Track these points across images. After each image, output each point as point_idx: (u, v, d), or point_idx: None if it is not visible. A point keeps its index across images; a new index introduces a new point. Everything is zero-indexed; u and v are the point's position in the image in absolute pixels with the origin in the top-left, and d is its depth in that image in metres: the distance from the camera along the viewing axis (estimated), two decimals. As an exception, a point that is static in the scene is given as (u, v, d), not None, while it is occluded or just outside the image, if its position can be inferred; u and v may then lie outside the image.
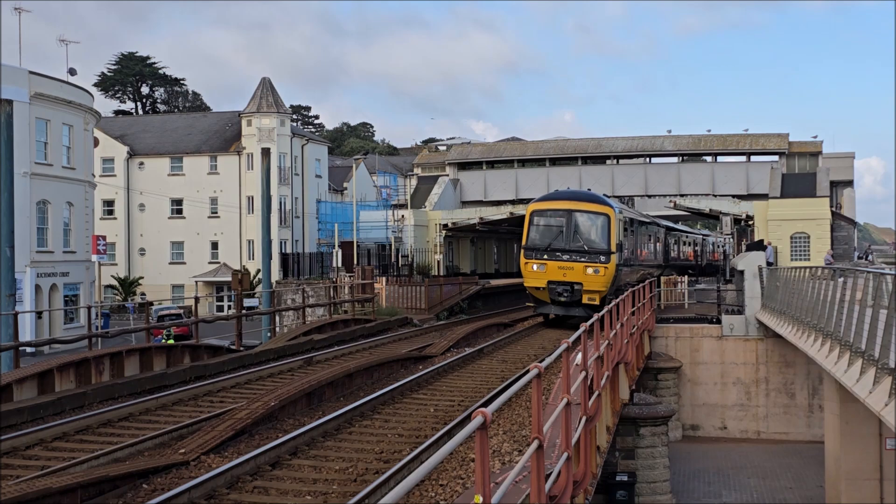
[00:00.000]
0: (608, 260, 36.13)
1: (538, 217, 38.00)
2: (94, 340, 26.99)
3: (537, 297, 38.13)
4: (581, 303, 36.20)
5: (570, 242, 36.68)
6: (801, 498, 32.99)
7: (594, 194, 40.69)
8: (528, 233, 38.15)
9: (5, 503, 10.86)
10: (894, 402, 15.96)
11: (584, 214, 37.13)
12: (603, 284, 36.13)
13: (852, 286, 23.96)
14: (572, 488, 10.96)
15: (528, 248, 37.96)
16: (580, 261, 36.14)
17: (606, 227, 36.75)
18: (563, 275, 36.17)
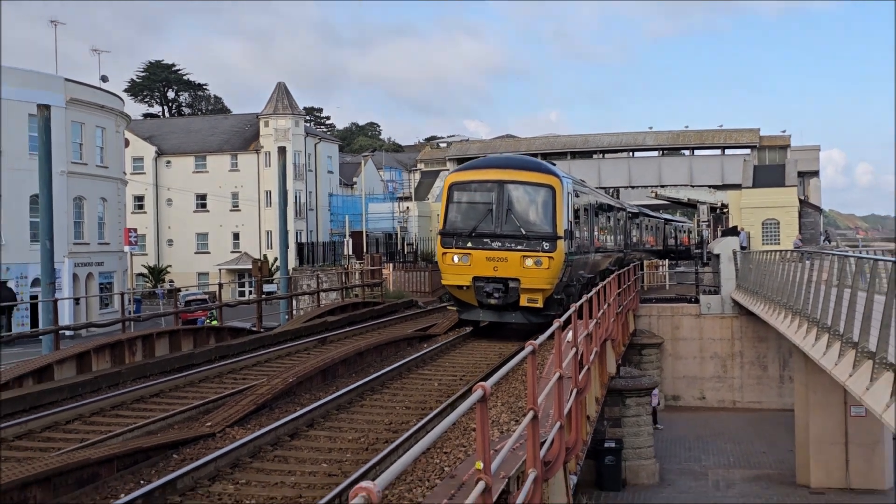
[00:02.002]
0: (553, 247, 24.60)
1: (459, 191, 25.95)
2: (127, 324, 26.99)
3: (460, 298, 26.27)
4: (518, 305, 25.27)
5: (503, 225, 24.78)
6: (774, 461, 33.02)
7: (534, 161, 28.36)
8: (446, 212, 26.21)
9: (51, 472, 10.88)
10: (857, 372, 15.96)
11: (522, 187, 25.28)
12: (547, 280, 24.79)
13: (819, 268, 23.96)
14: (565, 454, 10.96)
15: (446, 234, 25.89)
16: (516, 249, 24.64)
17: (551, 203, 24.93)
18: (493, 269, 24.71)
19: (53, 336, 23.45)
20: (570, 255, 26.09)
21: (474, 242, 24.94)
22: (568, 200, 25.91)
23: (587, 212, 31.01)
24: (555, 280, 24.95)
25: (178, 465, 12.35)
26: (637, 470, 31.18)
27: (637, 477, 31.05)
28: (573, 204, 27.18)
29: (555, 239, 24.73)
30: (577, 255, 27.95)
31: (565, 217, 25.31)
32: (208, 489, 11.53)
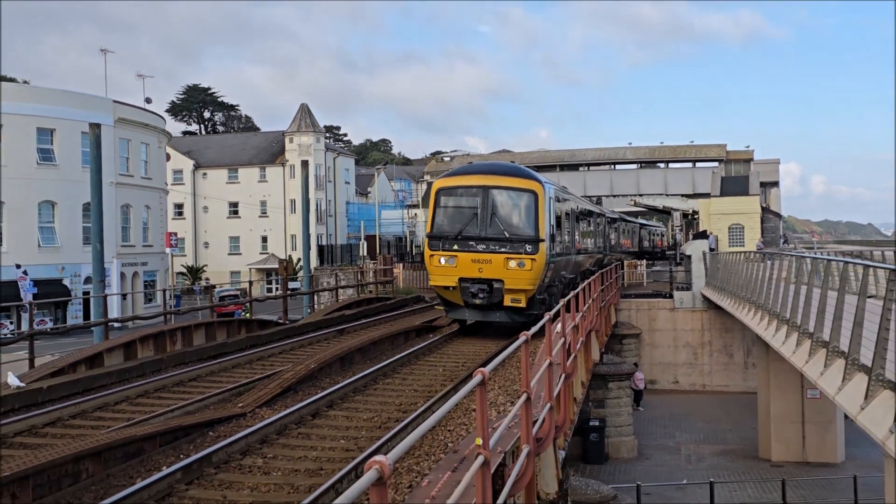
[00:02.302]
0: (535, 250, 23.22)
1: (446, 196, 24.44)
2: (168, 317, 27.01)
3: (447, 298, 24.74)
4: (502, 305, 23.82)
5: (487, 228, 23.47)
6: (739, 438, 33.00)
7: (517, 167, 26.69)
8: (433, 217, 24.74)
9: (101, 447, 10.89)
10: (813, 359, 15.94)
11: (505, 192, 23.94)
12: (530, 281, 23.31)
13: (778, 267, 23.94)
14: (554, 432, 10.96)
15: (433, 237, 24.36)
16: (500, 252, 23.28)
17: (533, 207, 23.62)
18: (478, 270, 23.33)
19: (103, 327, 23.49)
20: (552, 256, 24.44)
21: (460, 245, 23.40)
22: (550, 205, 24.36)
23: (569, 216, 29.06)
24: (537, 281, 23.26)
25: (214, 441, 12.36)
26: (618, 445, 31.19)
27: (618, 452, 31.06)
28: (555, 208, 25.48)
29: (537, 241, 23.13)
30: (559, 256, 26.08)
31: (547, 220, 23.80)
32: (240, 462, 11.55)
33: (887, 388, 11.26)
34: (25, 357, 18.95)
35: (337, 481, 10.24)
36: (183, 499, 9.98)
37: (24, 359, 18.85)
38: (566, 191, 31.23)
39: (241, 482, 10.60)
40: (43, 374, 17.08)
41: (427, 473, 9.23)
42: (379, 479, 3.77)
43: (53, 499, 9.83)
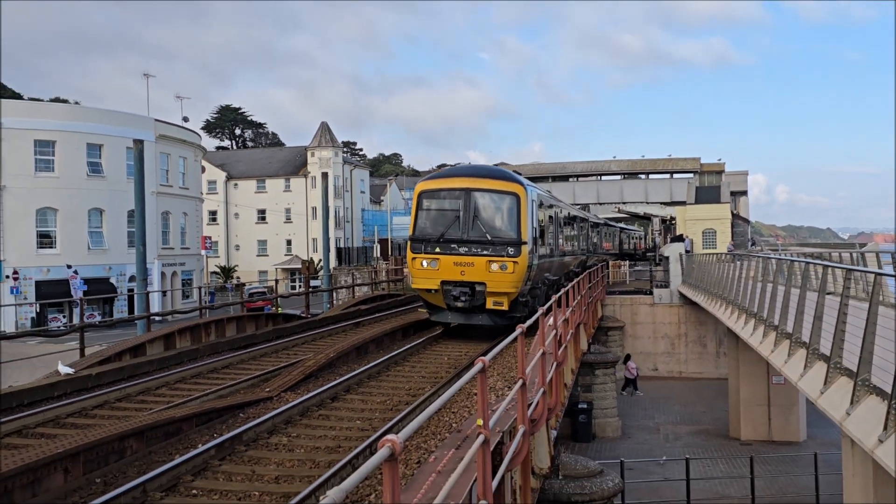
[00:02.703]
0: (518, 252, 21.04)
1: (428, 199, 22.15)
2: (203, 311, 27.04)
3: (429, 301, 22.50)
4: (485, 308, 21.60)
5: (469, 231, 21.27)
6: (712, 419, 32.95)
7: (499, 170, 24.03)
8: (415, 220, 22.50)
9: (144, 427, 10.91)
10: (778, 349, 15.92)
11: (487, 195, 21.64)
12: (512, 284, 21.11)
13: (746, 267, 23.91)
14: (547, 414, 10.95)
15: (415, 240, 22.14)
16: (482, 254, 21.08)
17: (515, 210, 21.39)
18: (460, 273, 21.16)
19: (146, 321, 23.54)
20: (535, 259, 22.17)
21: (442, 248, 21.11)
22: (532, 208, 22.05)
23: (552, 219, 26.59)
24: (519, 284, 21.00)
25: (244, 422, 12.38)
26: (604, 426, 31.16)
27: (604, 431, 31.03)
28: (538, 211, 23.20)
29: (519, 244, 20.88)
30: (542, 259, 23.79)
31: (530, 223, 21.57)
32: (267, 440, 11.56)
33: (844, 374, 11.24)
34: (77, 347, 19.00)
35: (353, 457, 10.25)
36: (217, 473, 9.99)
37: (75, 349, 18.91)
38: (550, 194, 28.91)
39: (268, 458, 10.61)
40: (92, 363, 17.12)
41: (434, 451, 9.23)
42: (391, 455, 3.77)
43: (101, 473, 9.85)
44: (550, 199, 27.45)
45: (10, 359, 18.31)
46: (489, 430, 6.20)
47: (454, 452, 7.57)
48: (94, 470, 9.87)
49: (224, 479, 9.77)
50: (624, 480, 20.00)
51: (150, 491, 9.07)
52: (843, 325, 11.44)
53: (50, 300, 50.39)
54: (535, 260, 21.99)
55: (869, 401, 9.98)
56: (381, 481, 3.95)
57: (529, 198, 21.75)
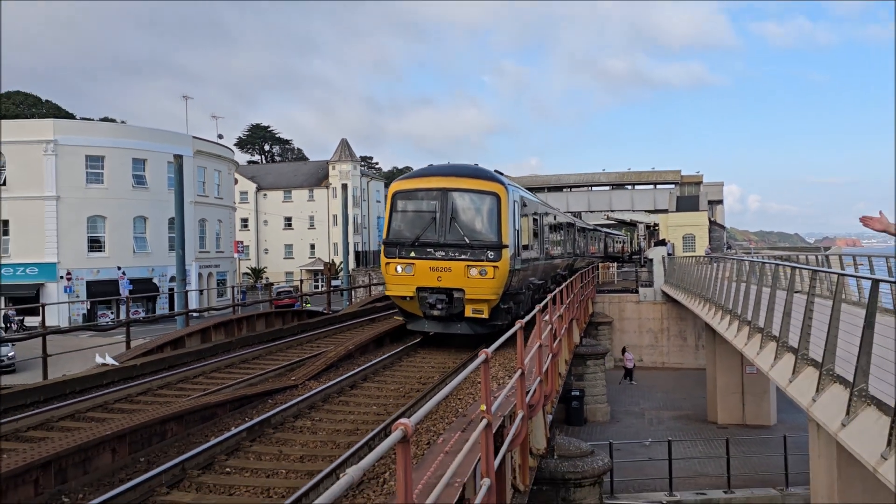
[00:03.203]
0: (498, 256, 17.97)
1: (403, 200, 18.98)
2: (236, 308, 27.09)
3: (405, 308, 19.18)
4: (463, 316, 18.39)
5: (446, 234, 18.17)
6: (691, 405, 32.83)
7: (478, 168, 20.29)
8: (389, 222, 19.32)
9: (183, 412, 10.92)
10: (751, 342, 15.87)
11: (465, 195, 18.47)
12: (492, 290, 18.03)
13: (722, 268, 23.83)
14: (543, 400, 10.93)
15: (389, 244, 18.87)
16: (460, 259, 18.01)
17: (496, 211, 18.32)
18: (437, 279, 18.08)
19: (184, 317, 23.59)
20: (517, 263, 18.94)
21: (417, 252, 17.96)
22: (514, 209, 18.95)
23: (536, 221, 23.28)
24: (500, 290, 17.87)
25: (272, 407, 12.39)
26: (595, 411, 31.06)
27: (595, 416, 30.93)
28: (520, 212, 19.98)
29: (500, 248, 17.73)
30: (526, 263, 20.45)
31: (511, 225, 18.39)
32: (293, 424, 11.56)
33: (810, 365, 11.20)
34: (123, 340, 19.06)
35: (370, 439, 10.24)
36: (248, 453, 10.00)
37: (122, 342, 18.97)
38: (536, 197, 25.56)
39: (293, 440, 10.61)
40: (137, 354, 17.17)
41: (442, 433, 9.22)
42: (404, 437, 3.77)
43: (145, 453, 9.87)
44: (534, 200, 24.07)
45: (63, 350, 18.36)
46: (492, 415, 6.19)
47: (460, 435, 7.56)
48: (139, 450, 9.89)
49: (254, 458, 9.78)
50: (612, 460, 19.95)
51: (188, 469, 9.08)
52: (809, 320, 11.40)
53: (99, 298, 50.57)
54: (517, 264, 18.84)
55: (833, 388, 9.94)
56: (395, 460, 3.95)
57: (511, 198, 18.60)
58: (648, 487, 22.01)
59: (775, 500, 21.32)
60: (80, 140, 53.56)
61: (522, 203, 20.43)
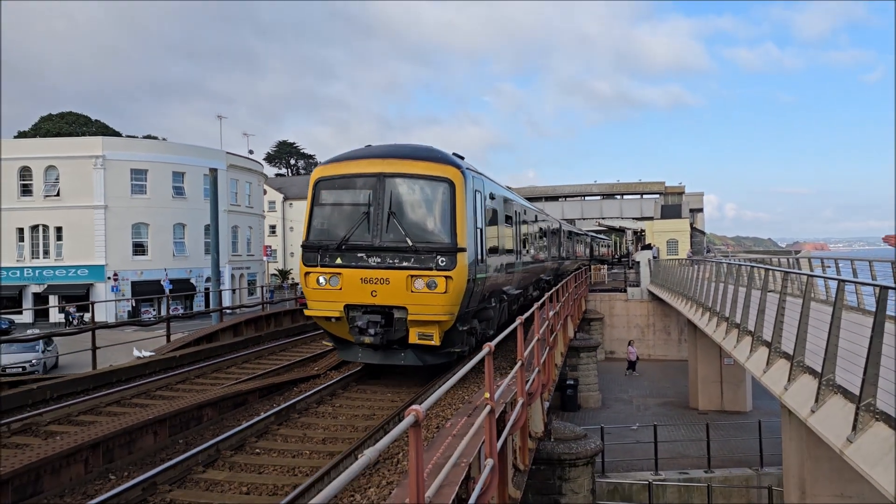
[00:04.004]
0: (452, 263, 11.97)
1: (328, 190, 13.00)
2: (265, 306, 27.12)
3: (332, 332, 13.07)
4: (408, 343, 12.44)
5: (383, 234, 12.26)
6: (675, 393, 32.69)
7: (429, 149, 13.39)
8: (310, 219, 13.19)
9: (217, 399, 10.94)
10: (728, 336, 15.81)
11: (409, 182, 12.43)
12: (445, 308, 11.99)
13: (702, 270, 23.76)
14: (541, 388, 10.91)
15: (309, 247, 12.93)
16: (402, 267, 12.08)
17: (449, 202, 12.26)
18: (370, 293, 12.21)
19: (219, 313, 23.63)
20: (481, 270, 13.29)
21: (346, 258, 12.44)
22: (476, 201, 13.26)
23: (510, 220, 17.17)
24: (455, 307, 12.24)
25: (297, 395, 12.40)
26: (587, 398, 30.97)
27: (587, 402, 30.84)
28: (486, 207, 14.15)
29: (454, 252, 12.13)
30: (493, 270, 14.45)
31: (471, 222, 12.74)
32: (316, 409, 11.56)
33: (782, 357, 11.15)
34: (164, 334, 19.10)
35: (385, 423, 10.24)
36: (275, 435, 10.01)
37: (162, 335, 19.00)
38: (509, 190, 18.97)
39: (316, 423, 10.62)
40: (176, 347, 17.21)
41: (450, 418, 9.21)
42: (415, 422, 3.77)
43: (183, 435, 9.89)
44: (507, 194, 17.59)
45: (110, 343, 18.42)
46: (495, 402, 6.18)
47: (466, 420, 7.55)
48: (178, 433, 9.91)
49: (281, 440, 9.78)
50: (603, 442, 19.89)
51: (222, 450, 9.10)
52: (781, 316, 11.36)
53: (142, 296, 50.80)
54: (480, 271, 13.09)
55: (803, 378, 9.89)
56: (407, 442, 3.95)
57: (470, 187, 12.78)
58: (636, 467, 21.93)
59: (751, 479, 21.20)
60: (126, 155, 53.85)
61: (490, 196, 14.60)
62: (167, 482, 7.91)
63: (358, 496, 7.29)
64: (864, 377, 7.20)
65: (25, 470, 7.36)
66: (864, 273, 19.14)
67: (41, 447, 8.11)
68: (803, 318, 9.95)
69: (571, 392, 29.79)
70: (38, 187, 52.75)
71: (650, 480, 20.64)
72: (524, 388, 8.61)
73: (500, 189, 16.35)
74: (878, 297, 7.36)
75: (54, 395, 11.80)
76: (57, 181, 52.81)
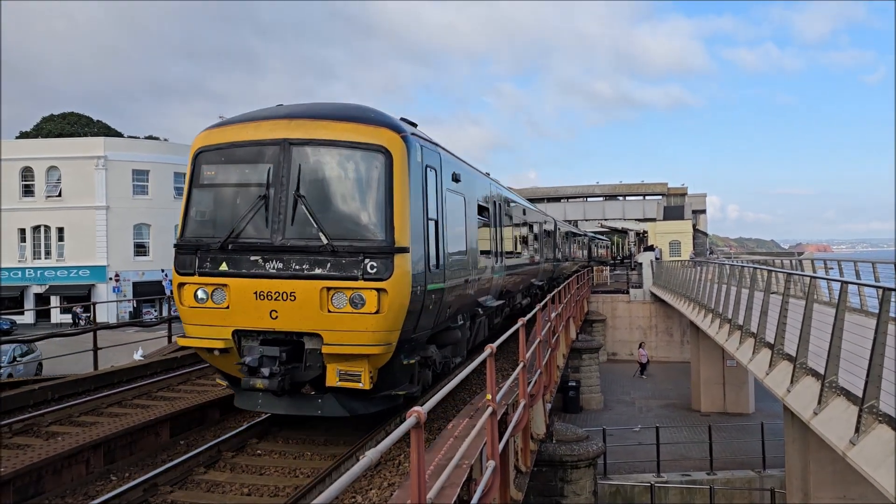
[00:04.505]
0: (388, 270, 7.54)
1: (212, 165, 8.28)
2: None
3: (220, 368, 8.55)
4: (325, 385, 7.94)
5: (286, 227, 7.76)
6: (677, 394, 32.66)
7: (356, 107, 8.63)
8: (186, 206, 8.40)
9: (219, 399, 10.93)
10: (731, 338, 15.80)
11: (326, 152, 7.72)
12: (378, 335, 7.62)
13: (705, 271, 23.75)
14: (543, 390, 10.91)
15: (183, 248, 8.27)
16: (313, 275, 7.56)
17: (384, 182, 7.65)
18: (269, 314, 7.68)
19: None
20: (435, 278, 9.00)
21: (233, 263, 8.30)
22: (428, 181, 8.99)
23: (487, 211, 13.18)
24: (393, 332, 8.04)
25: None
26: (589, 399, 30.94)
27: (589, 404, 30.81)
28: (446, 190, 9.88)
29: (390, 253, 7.93)
30: (458, 277, 10.33)
31: (418, 210, 8.52)
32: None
33: (786, 359, 11.14)
34: (166, 335, 19.11)
35: (387, 425, 10.23)
36: (277, 437, 9.98)
37: (164, 336, 19.01)
38: (483, 174, 14.07)
39: (318, 425, 10.56)
40: (177, 347, 17.19)
41: (451, 420, 9.21)
42: (417, 423, 3.77)
43: (185, 436, 9.90)
44: (480, 177, 13.07)
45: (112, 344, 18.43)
46: (497, 403, 6.19)
47: (468, 421, 7.55)
48: (179, 433, 9.91)
49: (283, 442, 9.76)
50: (605, 444, 19.88)
51: (223, 450, 9.09)
52: (784, 318, 11.35)
53: (144, 297, 50.89)
54: (434, 280, 9.04)
55: (806, 380, 9.88)
56: (409, 444, 3.96)
57: (418, 161, 8.70)
58: (638, 469, 21.91)
59: (753, 481, 21.18)
60: (127, 156, 53.98)
61: (453, 178, 10.35)
62: (168, 483, 7.91)
63: (359, 497, 7.29)
64: (867, 379, 7.20)
65: (27, 470, 7.37)
66: (867, 275, 19.13)
67: (43, 448, 8.13)
68: (806, 320, 9.94)
69: (573, 394, 29.76)
70: (40, 188, 52.91)
71: (652, 482, 20.62)
72: (526, 389, 8.61)
73: (469, 170, 12.06)
74: (880, 298, 7.36)
75: (56, 395, 11.81)
76: (58, 182, 52.95)
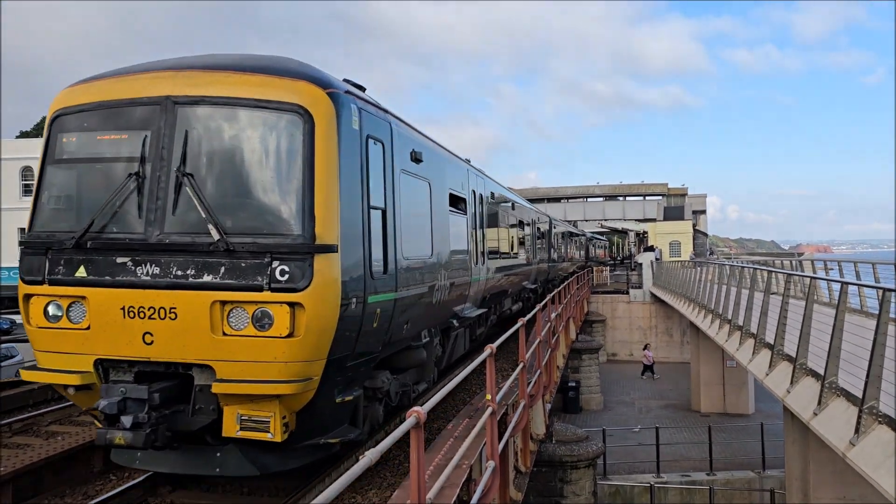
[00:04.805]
0: (305, 276, 4.89)
1: (73, 133, 5.27)
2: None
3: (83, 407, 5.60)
4: (221, 435, 5.23)
5: (168, 218, 4.95)
6: (677, 395, 32.65)
7: (264, 56, 5.84)
8: (37, 190, 5.56)
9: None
10: (731, 339, 15.80)
11: (222, 114, 4.80)
12: (292, 368, 4.99)
13: (705, 272, 23.75)
14: (543, 390, 10.92)
15: (31, 246, 5.61)
16: (201, 283, 4.81)
17: (302, 153, 4.81)
18: (143, 337, 4.81)
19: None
20: (382, 286, 6.41)
21: (94, 267, 5.54)
22: (369, 153, 6.15)
23: (463, 201, 10.79)
24: (316, 362, 5.54)
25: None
26: (589, 400, 30.92)
27: (589, 405, 30.78)
28: (400, 170, 7.12)
29: (308, 253, 5.33)
30: (419, 283, 7.79)
31: (353, 194, 5.86)
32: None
33: (786, 359, 11.14)
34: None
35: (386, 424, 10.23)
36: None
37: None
38: (470, 164, 12.30)
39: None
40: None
41: (451, 420, 9.22)
42: (417, 423, 3.78)
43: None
44: (452, 158, 10.70)
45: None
46: (496, 404, 6.19)
47: (468, 421, 7.56)
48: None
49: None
50: (605, 445, 19.89)
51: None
52: (784, 319, 11.35)
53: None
54: (381, 288, 6.55)
55: (805, 381, 9.88)
56: (409, 444, 3.97)
57: (353, 126, 6.08)
58: (638, 470, 21.91)
59: (753, 482, 21.19)
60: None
61: (413, 157, 8.06)
62: (168, 483, 7.91)
63: (359, 497, 7.30)
64: (867, 380, 7.21)
65: (27, 470, 7.37)
66: (868, 275, 19.14)
67: (42, 447, 8.13)
68: (806, 321, 9.95)
69: (573, 394, 29.75)
70: (40, 187, 52.88)
71: (652, 483, 20.62)
72: (526, 389, 8.62)
73: (438, 151, 9.57)
74: (880, 299, 7.36)
75: (55, 395, 11.81)
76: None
